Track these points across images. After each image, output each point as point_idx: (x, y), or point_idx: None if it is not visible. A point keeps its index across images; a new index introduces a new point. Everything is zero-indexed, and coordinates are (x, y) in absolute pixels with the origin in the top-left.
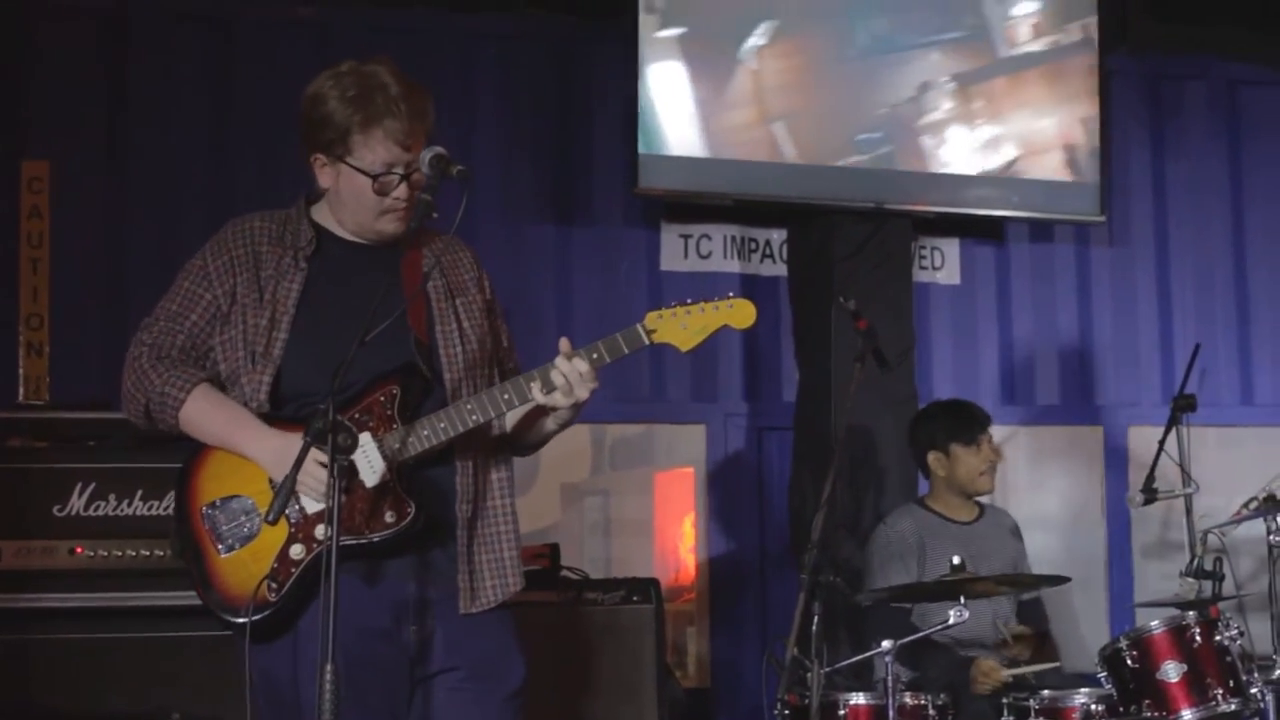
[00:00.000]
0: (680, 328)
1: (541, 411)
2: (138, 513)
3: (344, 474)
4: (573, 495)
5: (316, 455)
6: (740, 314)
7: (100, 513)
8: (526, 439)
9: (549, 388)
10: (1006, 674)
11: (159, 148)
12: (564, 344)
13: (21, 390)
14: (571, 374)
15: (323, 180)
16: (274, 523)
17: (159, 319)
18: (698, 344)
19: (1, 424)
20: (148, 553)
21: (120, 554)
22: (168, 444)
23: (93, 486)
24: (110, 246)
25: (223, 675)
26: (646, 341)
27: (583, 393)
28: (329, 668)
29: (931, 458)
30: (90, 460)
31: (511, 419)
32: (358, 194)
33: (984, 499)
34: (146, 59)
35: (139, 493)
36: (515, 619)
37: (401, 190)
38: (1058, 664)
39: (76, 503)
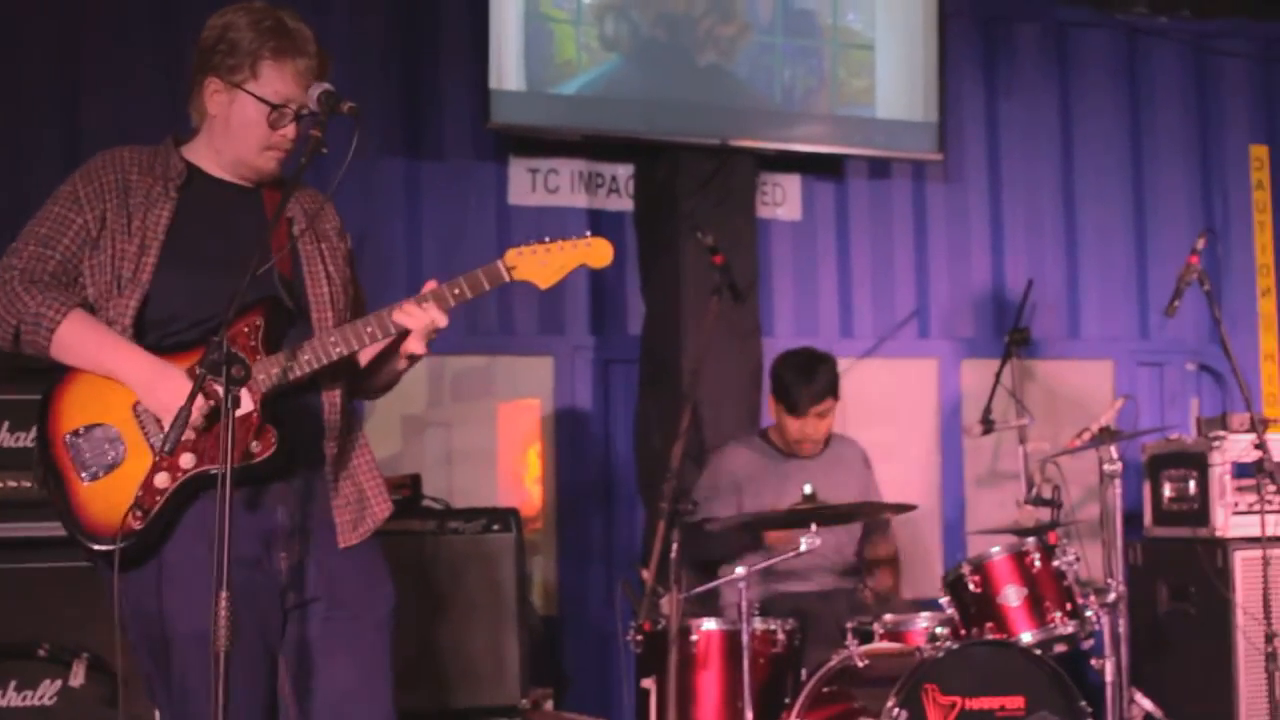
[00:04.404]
0: (540, 265)
1: (394, 350)
2: (4, 444)
3: (210, 403)
4: (414, 426)
5: (182, 387)
6: (597, 252)
7: None
8: (375, 381)
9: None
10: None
11: (5, 72)
12: (431, 284)
13: None
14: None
15: (211, 107)
16: (171, 453)
17: (29, 243)
18: (556, 281)
19: None
20: (15, 484)
21: None
22: (34, 375)
23: None
24: None
25: (91, 607)
26: (507, 278)
27: (440, 318)
28: (223, 595)
29: (770, 400)
30: None
31: (364, 359)
32: (248, 124)
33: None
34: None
35: (5, 424)
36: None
37: (290, 129)
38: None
39: None
